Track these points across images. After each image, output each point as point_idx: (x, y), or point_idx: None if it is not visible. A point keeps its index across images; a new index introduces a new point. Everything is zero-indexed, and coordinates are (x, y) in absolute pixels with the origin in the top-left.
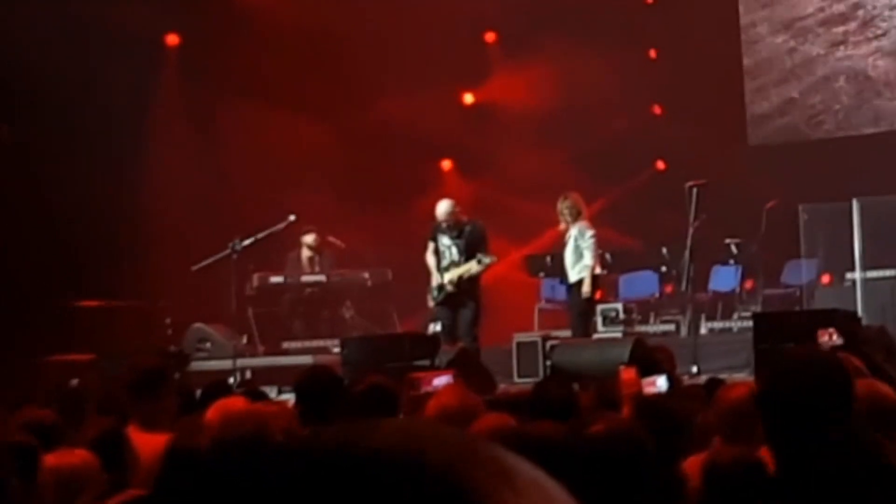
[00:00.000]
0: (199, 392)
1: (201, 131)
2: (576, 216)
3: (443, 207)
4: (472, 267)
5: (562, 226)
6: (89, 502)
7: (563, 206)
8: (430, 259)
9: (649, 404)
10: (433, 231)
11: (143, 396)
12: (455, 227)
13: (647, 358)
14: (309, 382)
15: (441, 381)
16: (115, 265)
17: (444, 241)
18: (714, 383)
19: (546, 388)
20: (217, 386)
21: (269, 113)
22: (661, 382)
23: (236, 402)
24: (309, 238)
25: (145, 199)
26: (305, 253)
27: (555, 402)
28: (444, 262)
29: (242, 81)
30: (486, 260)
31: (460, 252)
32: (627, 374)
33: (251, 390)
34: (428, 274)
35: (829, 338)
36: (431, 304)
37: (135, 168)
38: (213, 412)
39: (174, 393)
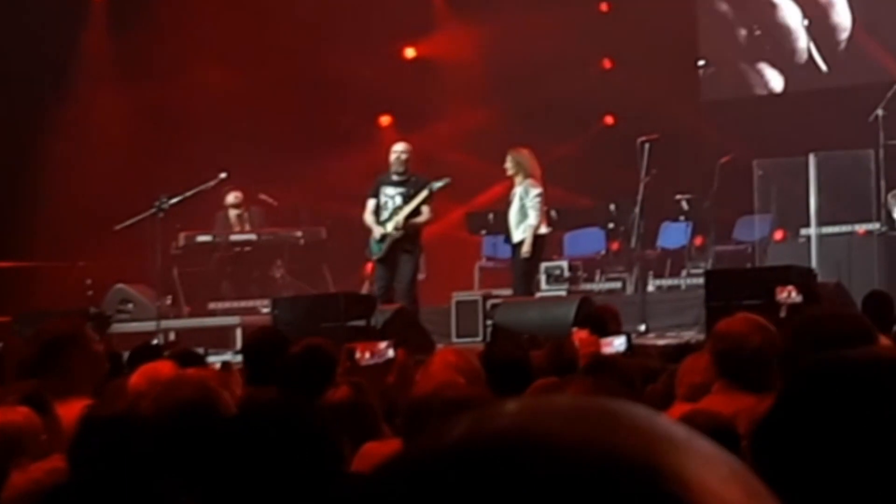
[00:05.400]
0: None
1: (128, 85)
2: (522, 173)
3: (402, 143)
4: (424, 199)
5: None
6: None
7: (509, 161)
8: (369, 218)
9: (602, 363)
10: (375, 186)
11: (51, 364)
12: (404, 170)
13: (595, 317)
14: (257, 344)
15: (381, 352)
16: (32, 224)
17: (388, 191)
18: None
19: (498, 348)
20: (145, 349)
21: (200, 67)
22: (618, 343)
23: (163, 367)
24: (230, 197)
25: (67, 154)
26: (232, 212)
27: (508, 364)
28: (386, 214)
29: (172, 34)
30: (439, 183)
31: (404, 201)
32: (580, 334)
33: (184, 353)
34: (366, 232)
35: (788, 295)
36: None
37: (56, 123)
38: (138, 377)
39: (90, 358)
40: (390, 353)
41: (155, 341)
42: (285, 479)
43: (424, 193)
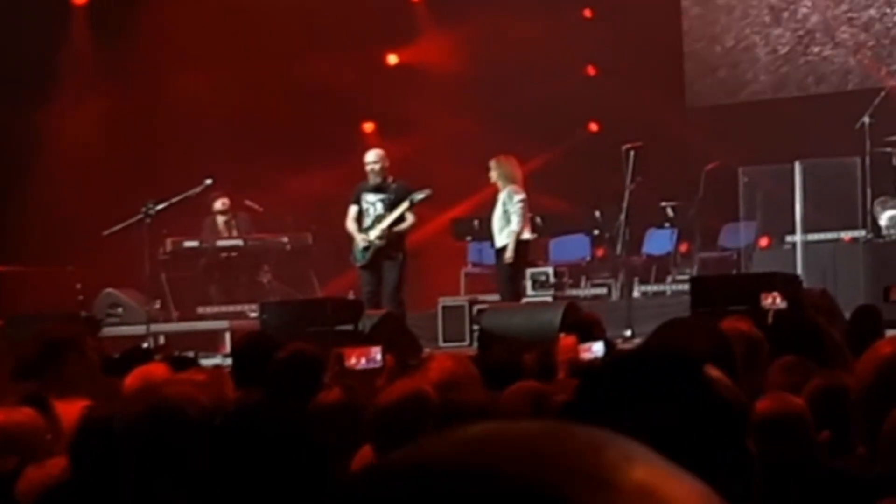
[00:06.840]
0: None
1: (114, 91)
2: (505, 179)
3: (373, 153)
4: (405, 210)
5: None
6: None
7: (492, 169)
8: (351, 225)
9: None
10: (356, 192)
11: (51, 365)
12: (382, 180)
13: (581, 323)
14: (246, 347)
15: (371, 358)
16: (22, 229)
17: (369, 198)
18: None
19: (492, 353)
20: (134, 353)
21: (184, 73)
22: (597, 348)
23: (157, 369)
24: (218, 204)
25: (55, 160)
26: (220, 218)
27: (501, 369)
28: (368, 221)
29: (157, 40)
30: (420, 195)
31: (386, 208)
32: (566, 340)
33: (179, 357)
34: (352, 238)
35: (773, 301)
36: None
37: (43, 128)
38: (132, 379)
39: (87, 363)
40: (379, 357)
41: (145, 345)
42: (274, 481)
43: (405, 205)
